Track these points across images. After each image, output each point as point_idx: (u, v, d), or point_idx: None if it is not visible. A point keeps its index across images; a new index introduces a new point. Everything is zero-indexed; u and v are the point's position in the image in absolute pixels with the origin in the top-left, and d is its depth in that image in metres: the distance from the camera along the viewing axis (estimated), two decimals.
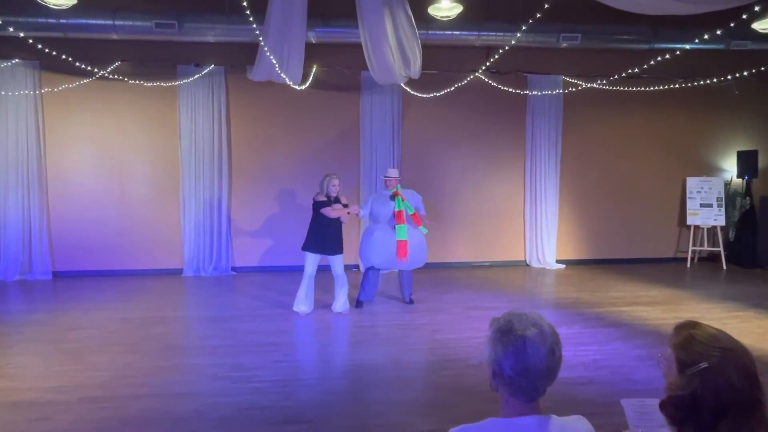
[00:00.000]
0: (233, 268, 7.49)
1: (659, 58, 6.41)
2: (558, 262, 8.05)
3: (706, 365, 1.16)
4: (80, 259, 7.20)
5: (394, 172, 5.77)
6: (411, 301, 5.87)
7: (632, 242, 8.30)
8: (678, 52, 6.41)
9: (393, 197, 5.50)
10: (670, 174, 8.30)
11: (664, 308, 5.74)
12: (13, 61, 6.76)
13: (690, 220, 8.11)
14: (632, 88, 7.65)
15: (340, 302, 5.46)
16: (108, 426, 3.15)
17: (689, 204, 8.14)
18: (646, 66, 6.71)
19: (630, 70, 6.99)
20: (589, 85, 7.57)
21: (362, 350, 4.48)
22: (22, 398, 3.49)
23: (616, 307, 5.75)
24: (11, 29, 5.50)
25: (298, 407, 3.43)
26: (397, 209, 5.45)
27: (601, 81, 7.43)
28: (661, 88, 7.63)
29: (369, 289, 5.74)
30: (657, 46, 6.97)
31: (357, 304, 5.72)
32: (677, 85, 7.59)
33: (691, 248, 8.12)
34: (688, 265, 8.11)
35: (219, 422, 3.20)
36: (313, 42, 6.57)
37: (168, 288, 6.65)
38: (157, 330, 4.95)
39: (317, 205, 5.29)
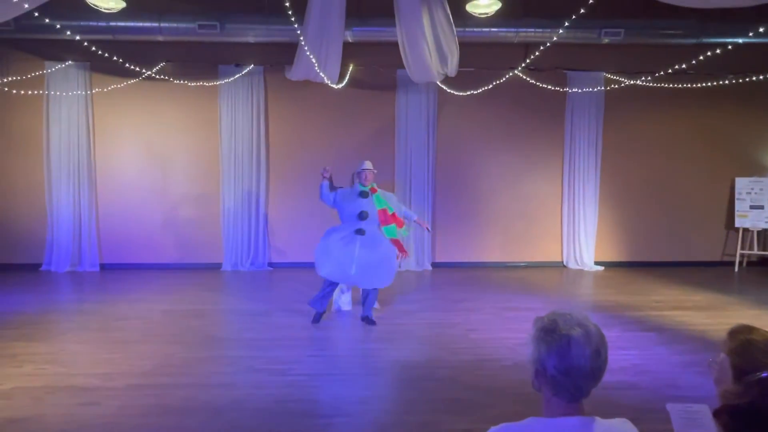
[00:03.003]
0: (270, 264, 7.65)
1: (708, 54, 6.15)
2: (596, 263, 7.85)
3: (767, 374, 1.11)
4: (125, 252, 7.51)
5: (370, 165, 4.92)
6: (368, 319, 4.91)
7: (675, 244, 8.00)
8: (730, 47, 6.12)
9: (365, 194, 4.81)
10: (717, 174, 7.95)
11: (709, 314, 5.52)
12: (67, 63, 7.11)
13: (738, 223, 7.76)
14: (678, 84, 7.37)
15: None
16: (152, 413, 3.28)
17: (738, 205, 7.78)
18: (694, 62, 6.44)
19: (677, 66, 6.73)
20: (631, 82, 7.34)
21: (397, 348, 4.50)
22: (73, 383, 3.68)
23: (658, 312, 5.57)
24: (68, 32, 5.77)
25: (334, 401, 3.48)
26: (379, 208, 4.79)
27: (645, 78, 7.19)
28: (710, 84, 7.32)
29: (319, 298, 4.94)
30: (705, 40, 6.69)
31: (313, 319, 4.99)
32: (727, 82, 7.26)
33: (739, 252, 7.77)
34: (736, 269, 7.76)
35: (256, 413, 3.29)
36: (350, 41, 6.63)
37: (207, 282, 6.85)
38: (197, 322, 5.12)
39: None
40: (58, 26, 5.61)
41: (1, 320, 5.06)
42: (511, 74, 7.15)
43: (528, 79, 7.38)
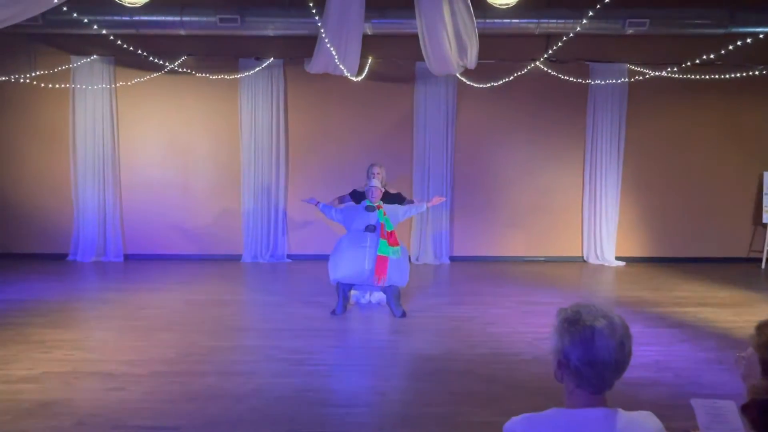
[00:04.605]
0: (289, 256, 7.73)
1: (739, 43, 5.97)
2: (618, 259, 7.74)
3: None
4: (148, 243, 7.66)
5: (377, 182, 5.12)
6: (403, 314, 5.07)
7: (699, 240, 7.84)
8: (761, 36, 5.91)
9: (371, 209, 4.97)
10: (745, 168, 7.74)
11: (734, 310, 5.40)
12: (92, 57, 7.25)
13: (766, 218, 7.56)
14: (705, 76, 7.17)
15: (378, 292, 5.46)
16: (175, 399, 3.36)
17: (766, 201, 7.57)
18: (723, 52, 6.26)
19: (704, 56, 6.54)
20: (656, 74, 7.17)
21: (415, 340, 4.51)
22: (99, 369, 3.78)
23: (681, 308, 5.47)
24: (94, 27, 5.89)
25: (352, 391, 3.52)
26: (380, 221, 4.92)
27: (671, 69, 7.02)
28: (738, 75, 7.11)
29: (341, 306, 5.12)
30: (734, 30, 6.50)
31: (333, 311, 5.15)
32: (757, 73, 7.04)
33: (766, 248, 7.57)
34: (763, 265, 7.57)
35: (276, 401, 3.34)
36: (369, 33, 6.61)
37: (228, 272, 6.96)
38: (218, 312, 5.21)
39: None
40: (86, 21, 5.72)
41: (30, 308, 5.22)
42: (531, 66, 7.05)
43: (549, 70, 7.27)
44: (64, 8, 4.63)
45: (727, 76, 7.13)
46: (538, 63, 7.01)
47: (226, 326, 4.79)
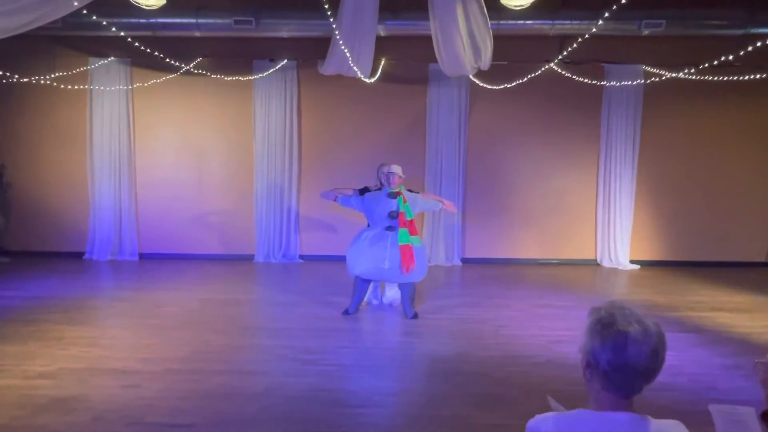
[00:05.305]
0: (301, 256, 7.76)
1: (758, 44, 5.87)
2: (632, 262, 7.65)
3: None
4: (163, 242, 7.75)
5: (398, 169, 5.04)
6: (415, 316, 5.05)
7: (716, 244, 7.71)
8: None
9: (393, 195, 4.92)
10: (763, 171, 7.61)
11: (752, 316, 5.31)
12: (109, 59, 7.36)
13: None
14: (723, 77, 7.05)
15: (392, 292, 5.49)
16: (189, 397, 3.39)
17: None
18: (742, 53, 6.16)
19: (723, 58, 6.44)
20: (673, 75, 7.08)
21: (427, 342, 4.51)
22: (115, 366, 3.83)
23: (696, 312, 5.39)
24: (113, 29, 5.98)
25: (364, 391, 3.52)
26: (401, 210, 4.86)
27: (688, 70, 6.92)
28: (758, 77, 6.98)
29: (354, 300, 5.14)
30: (753, 30, 6.40)
31: (345, 311, 5.17)
32: None
33: None
34: None
35: (288, 400, 3.36)
36: (382, 35, 6.62)
37: (241, 272, 7.01)
38: (232, 311, 5.25)
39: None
40: (104, 23, 5.81)
41: (47, 305, 5.31)
42: (546, 67, 7.01)
43: (563, 72, 7.22)
44: (84, 11, 4.70)
45: (746, 77, 7.02)
46: (552, 64, 6.96)
47: (239, 325, 4.82)
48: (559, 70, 7.18)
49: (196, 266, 7.25)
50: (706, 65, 6.67)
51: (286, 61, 7.40)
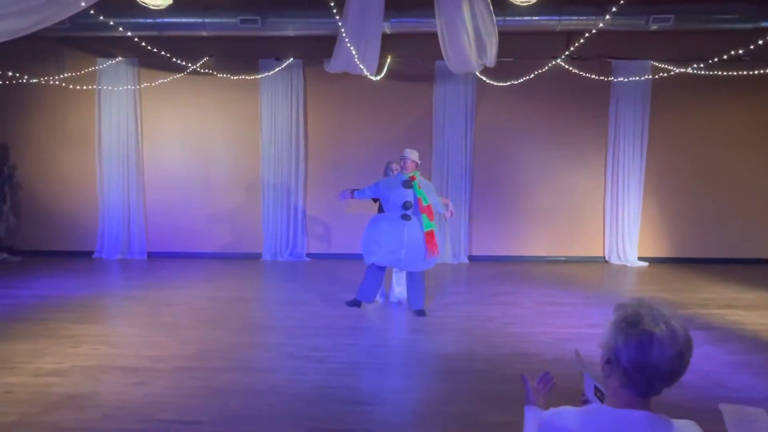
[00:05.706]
0: (308, 254, 7.78)
1: None
2: (640, 259, 7.60)
3: None
4: (171, 241, 7.80)
5: (413, 154, 4.95)
6: (422, 312, 5.03)
7: (725, 241, 7.65)
8: None
9: (408, 183, 4.88)
10: None
11: (762, 313, 5.26)
12: (117, 59, 7.41)
13: None
14: (732, 72, 6.99)
15: (399, 290, 5.49)
16: (198, 394, 3.41)
17: None
18: (751, 47, 6.09)
19: (732, 52, 6.38)
20: (681, 70, 7.01)
21: (434, 339, 4.50)
22: (124, 364, 3.87)
23: (706, 310, 5.35)
24: (120, 29, 6.01)
25: (371, 389, 3.53)
26: (417, 196, 4.83)
27: (697, 65, 6.86)
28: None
29: (368, 289, 5.15)
30: (763, 24, 6.33)
31: (351, 302, 5.21)
32: None
33: None
34: None
35: (295, 398, 3.37)
36: (388, 32, 6.62)
37: (248, 271, 7.04)
38: (239, 309, 5.28)
39: None
40: (111, 23, 5.85)
41: (58, 303, 5.37)
42: (552, 63, 6.97)
43: (570, 68, 7.18)
44: (91, 11, 4.73)
45: (756, 72, 6.94)
46: (559, 61, 6.92)
47: (246, 323, 4.85)
48: (567, 67, 7.14)
49: (204, 264, 7.29)
50: (716, 60, 6.62)
51: (292, 59, 7.41)
